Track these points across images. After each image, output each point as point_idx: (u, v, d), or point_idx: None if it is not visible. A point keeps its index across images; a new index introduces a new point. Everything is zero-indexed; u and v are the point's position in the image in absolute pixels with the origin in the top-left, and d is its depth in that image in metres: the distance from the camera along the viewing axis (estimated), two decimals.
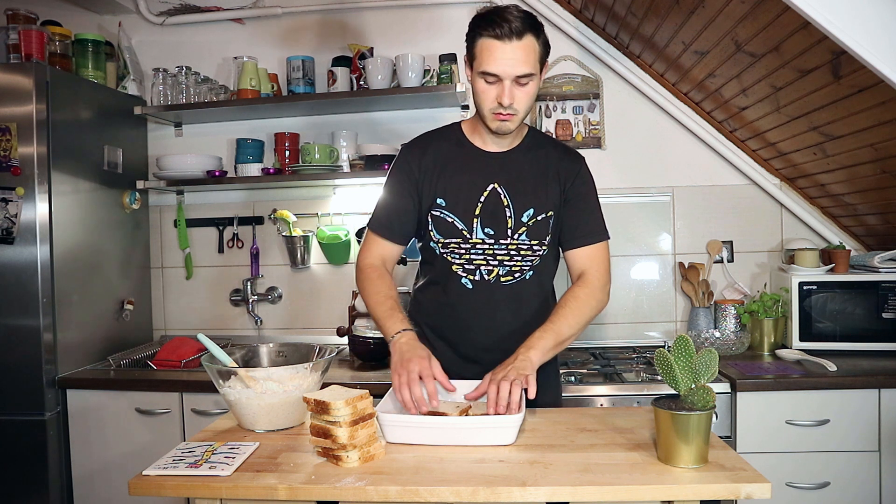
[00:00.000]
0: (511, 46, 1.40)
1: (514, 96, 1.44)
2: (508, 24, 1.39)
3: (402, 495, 1.09)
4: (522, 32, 1.40)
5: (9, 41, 2.33)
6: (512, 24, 1.39)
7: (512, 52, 1.40)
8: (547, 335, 1.46)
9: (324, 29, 2.83)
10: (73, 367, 2.35)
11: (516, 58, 1.41)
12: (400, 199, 1.61)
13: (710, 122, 2.67)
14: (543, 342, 1.45)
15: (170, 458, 1.20)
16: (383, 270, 1.62)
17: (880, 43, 1.29)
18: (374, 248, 1.64)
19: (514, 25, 1.39)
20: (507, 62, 1.41)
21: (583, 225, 1.61)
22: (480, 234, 1.56)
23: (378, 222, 1.64)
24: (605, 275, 1.60)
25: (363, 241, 1.69)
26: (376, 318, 1.54)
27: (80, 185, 2.42)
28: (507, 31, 1.39)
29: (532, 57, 1.43)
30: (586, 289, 1.56)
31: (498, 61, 1.41)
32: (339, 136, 2.74)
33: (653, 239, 2.74)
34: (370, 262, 1.63)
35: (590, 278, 1.58)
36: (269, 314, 2.88)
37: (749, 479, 1.08)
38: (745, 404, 2.05)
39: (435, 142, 1.64)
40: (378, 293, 1.56)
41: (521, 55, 1.41)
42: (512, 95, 1.44)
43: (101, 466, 2.30)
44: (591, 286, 1.57)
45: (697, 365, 1.16)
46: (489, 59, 1.42)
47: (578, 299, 1.54)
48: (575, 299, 1.54)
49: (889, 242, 2.48)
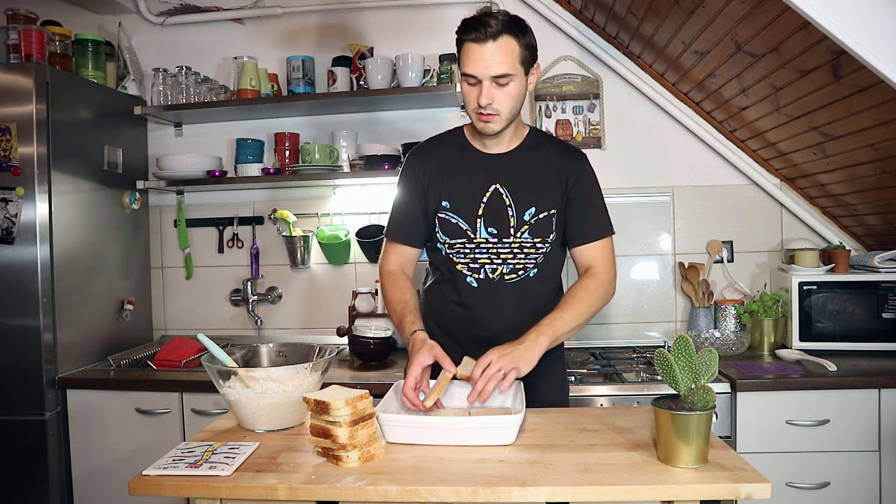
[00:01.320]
0: (488, 48, 1.46)
1: (494, 97, 1.49)
2: (486, 27, 1.45)
3: (402, 495, 1.09)
4: (498, 34, 1.45)
5: (9, 41, 2.33)
6: (490, 27, 1.45)
7: (489, 54, 1.46)
8: (556, 322, 1.50)
9: (324, 29, 2.83)
10: (73, 367, 2.35)
11: (493, 59, 1.46)
12: (409, 204, 1.67)
13: (710, 122, 2.67)
14: (553, 329, 1.48)
15: (170, 458, 1.20)
16: (398, 275, 1.68)
17: (880, 43, 1.29)
18: (391, 254, 1.71)
19: (491, 29, 1.45)
20: (484, 63, 1.46)
21: (588, 222, 1.64)
22: (484, 234, 1.60)
23: (392, 229, 1.71)
24: (612, 269, 1.65)
25: (382, 248, 1.76)
26: (394, 324, 1.63)
27: (80, 185, 2.42)
28: (483, 34, 1.45)
29: (510, 58, 1.47)
30: (595, 280, 1.61)
31: (475, 63, 1.47)
32: (339, 136, 2.74)
33: (653, 239, 2.74)
34: (388, 268, 1.70)
35: (597, 271, 1.62)
36: (269, 314, 2.88)
37: (749, 479, 1.08)
38: (745, 404, 2.05)
39: (438, 146, 1.70)
40: (392, 301, 1.64)
41: (497, 56, 1.46)
42: (490, 96, 1.48)
43: (101, 466, 2.30)
44: (599, 278, 1.61)
45: (697, 365, 1.16)
46: (468, 61, 1.49)
47: (588, 290, 1.58)
48: (585, 289, 1.58)
49: (889, 242, 2.48)
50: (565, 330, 1.52)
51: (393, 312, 1.63)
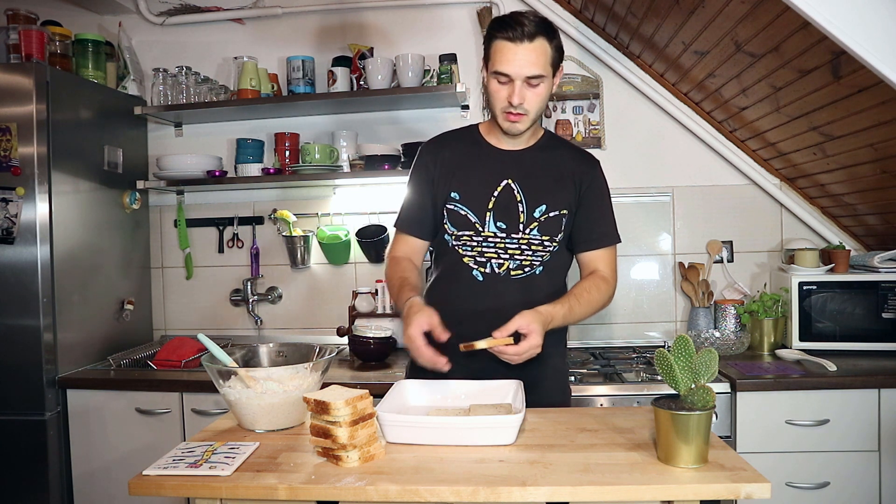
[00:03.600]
0: (523, 48, 1.47)
1: (525, 97, 1.51)
2: (522, 27, 1.46)
3: (402, 495, 1.08)
4: (534, 35, 1.47)
5: (9, 41, 2.33)
6: (525, 27, 1.46)
7: (523, 54, 1.47)
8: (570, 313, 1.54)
9: (324, 29, 2.83)
10: (73, 367, 2.35)
11: (527, 59, 1.47)
12: (420, 196, 1.68)
13: (710, 122, 2.67)
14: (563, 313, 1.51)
15: (170, 458, 1.20)
16: (402, 259, 1.69)
17: (880, 43, 1.29)
18: (399, 244, 1.72)
19: (527, 29, 1.46)
20: (518, 63, 1.47)
21: (596, 228, 1.66)
22: (493, 228, 1.61)
23: (401, 219, 1.72)
24: (615, 274, 1.69)
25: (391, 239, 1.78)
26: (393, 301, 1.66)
27: (80, 185, 2.42)
28: (520, 33, 1.46)
29: (543, 59, 1.49)
30: (605, 282, 1.65)
31: (509, 62, 1.48)
32: (339, 136, 2.74)
33: (653, 239, 2.74)
34: (393, 255, 1.72)
35: (603, 274, 1.66)
36: (269, 314, 2.88)
37: (749, 478, 1.08)
38: (744, 404, 2.05)
39: (452, 140, 1.72)
40: (391, 279, 1.65)
41: (532, 57, 1.47)
42: (522, 96, 1.50)
43: (101, 466, 2.30)
44: (604, 279, 1.65)
45: (697, 365, 1.16)
46: (501, 59, 1.49)
47: (600, 289, 1.63)
48: (597, 288, 1.62)
49: (889, 242, 2.48)
50: (571, 321, 1.56)
51: (391, 289, 1.64)
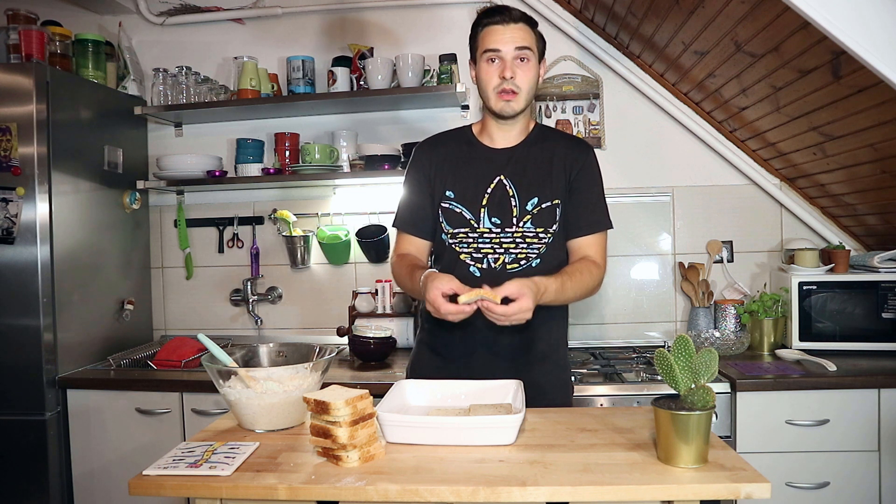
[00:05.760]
0: (510, 27, 1.59)
1: (516, 72, 1.58)
2: (508, 12, 1.60)
3: (402, 495, 1.08)
4: (520, 19, 1.60)
5: (9, 41, 2.33)
6: (511, 12, 1.60)
7: (511, 32, 1.58)
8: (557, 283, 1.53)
9: (324, 29, 2.83)
10: (73, 367, 2.35)
11: (515, 35, 1.58)
12: (417, 196, 1.71)
13: (710, 122, 2.67)
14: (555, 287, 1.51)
15: (170, 458, 1.20)
16: (407, 255, 1.70)
17: (880, 43, 1.29)
18: (402, 244, 1.74)
19: (514, 13, 1.60)
20: (507, 38, 1.58)
21: (587, 214, 1.67)
22: (487, 224, 1.63)
23: (400, 220, 1.74)
24: (605, 260, 1.69)
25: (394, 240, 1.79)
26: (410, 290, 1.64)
27: (80, 185, 2.42)
28: (507, 16, 1.59)
29: (530, 38, 1.60)
30: (591, 265, 1.64)
31: (499, 39, 1.59)
32: (339, 136, 2.74)
33: (653, 239, 2.74)
34: (398, 253, 1.73)
35: (594, 259, 1.66)
36: (269, 314, 2.88)
37: (749, 478, 1.08)
38: (744, 404, 2.05)
39: (445, 140, 1.76)
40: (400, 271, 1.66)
41: (519, 34, 1.59)
42: (513, 70, 1.58)
43: (101, 466, 2.30)
44: (595, 264, 1.65)
45: (697, 365, 1.16)
46: (491, 39, 1.59)
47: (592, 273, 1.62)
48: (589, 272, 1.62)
49: (889, 242, 2.48)
50: (562, 298, 1.55)
51: (402, 279, 1.65)
